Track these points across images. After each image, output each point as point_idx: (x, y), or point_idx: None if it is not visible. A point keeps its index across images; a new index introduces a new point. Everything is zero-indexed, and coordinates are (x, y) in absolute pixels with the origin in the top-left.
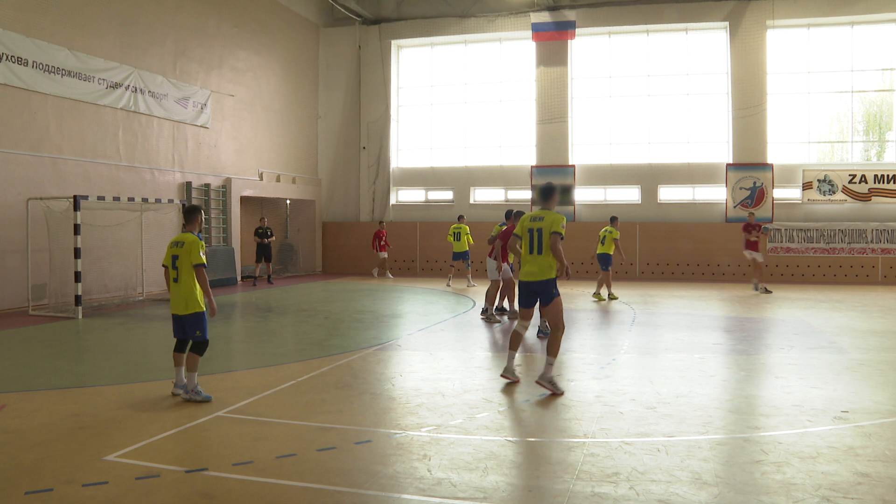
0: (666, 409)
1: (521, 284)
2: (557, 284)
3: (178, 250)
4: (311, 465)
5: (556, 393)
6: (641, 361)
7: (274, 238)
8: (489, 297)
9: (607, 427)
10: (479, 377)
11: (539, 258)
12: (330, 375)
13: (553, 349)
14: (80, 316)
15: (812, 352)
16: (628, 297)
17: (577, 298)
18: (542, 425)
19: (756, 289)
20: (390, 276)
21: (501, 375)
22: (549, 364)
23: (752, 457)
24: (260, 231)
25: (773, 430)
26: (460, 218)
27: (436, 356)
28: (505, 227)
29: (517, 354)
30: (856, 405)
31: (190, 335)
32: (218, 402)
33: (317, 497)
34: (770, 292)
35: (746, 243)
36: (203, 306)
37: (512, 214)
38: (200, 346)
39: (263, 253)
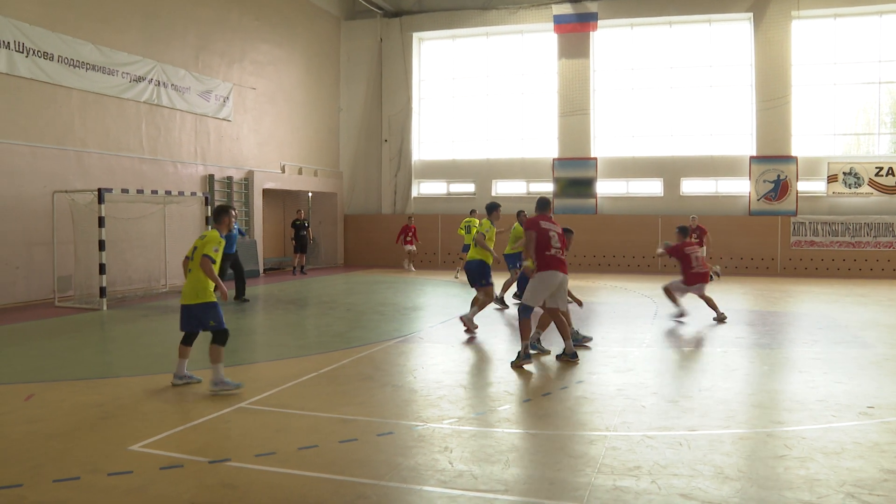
0: (688, 402)
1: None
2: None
3: (198, 242)
4: (332, 456)
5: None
6: (663, 355)
7: (310, 228)
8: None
9: (629, 420)
10: (500, 370)
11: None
12: (352, 367)
13: None
14: (105, 307)
15: (836, 346)
16: (650, 291)
17: (599, 291)
18: (563, 418)
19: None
20: (412, 268)
21: None
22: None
23: (775, 452)
24: (297, 223)
25: (796, 425)
26: (472, 212)
27: (457, 348)
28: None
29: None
30: (881, 401)
31: (204, 326)
32: (240, 393)
33: (338, 488)
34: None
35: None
36: (213, 297)
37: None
38: (219, 336)
39: (300, 244)
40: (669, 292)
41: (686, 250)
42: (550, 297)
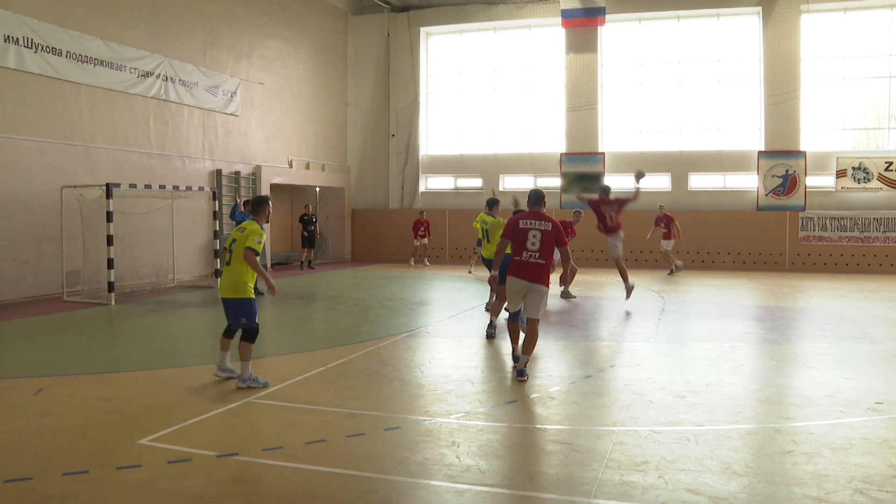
0: (695, 398)
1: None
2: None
3: (237, 234)
4: (340, 450)
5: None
6: (671, 350)
7: (317, 223)
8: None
9: (636, 415)
10: (508, 365)
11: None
12: (359, 362)
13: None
14: (113, 302)
15: (845, 342)
16: (658, 286)
17: (606, 286)
18: (570, 413)
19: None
20: (426, 262)
21: None
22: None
23: (782, 447)
24: (305, 218)
25: (804, 421)
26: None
27: (465, 343)
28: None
29: None
30: (890, 396)
31: (236, 322)
32: (248, 388)
33: (346, 483)
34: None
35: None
36: (252, 294)
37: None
38: (249, 334)
39: (308, 239)
40: (619, 264)
41: (602, 208)
42: (525, 304)
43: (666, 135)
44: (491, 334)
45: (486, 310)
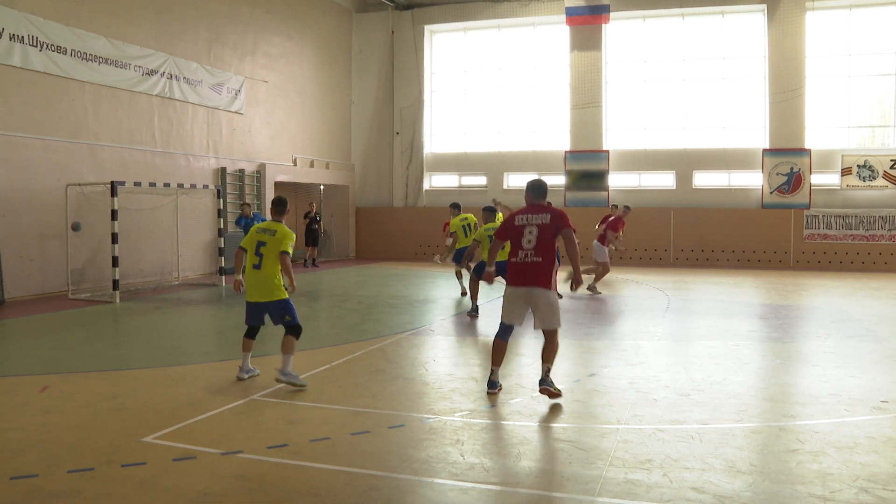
0: (700, 396)
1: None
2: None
3: (266, 237)
4: (344, 448)
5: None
6: (675, 348)
7: (322, 221)
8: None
9: (641, 414)
10: (511, 363)
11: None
12: (363, 360)
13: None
14: (118, 300)
15: (850, 340)
16: (662, 284)
17: (611, 284)
18: (575, 411)
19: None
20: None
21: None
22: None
23: (787, 446)
24: (309, 216)
25: (809, 419)
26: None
27: (469, 341)
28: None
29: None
30: (895, 395)
31: (279, 322)
32: (252, 385)
33: (350, 480)
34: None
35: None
36: (286, 294)
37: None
38: (296, 330)
39: (312, 237)
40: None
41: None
42: (535, 315)
43: (670, 132)
44: (473, 315)
45: (462, 294)
